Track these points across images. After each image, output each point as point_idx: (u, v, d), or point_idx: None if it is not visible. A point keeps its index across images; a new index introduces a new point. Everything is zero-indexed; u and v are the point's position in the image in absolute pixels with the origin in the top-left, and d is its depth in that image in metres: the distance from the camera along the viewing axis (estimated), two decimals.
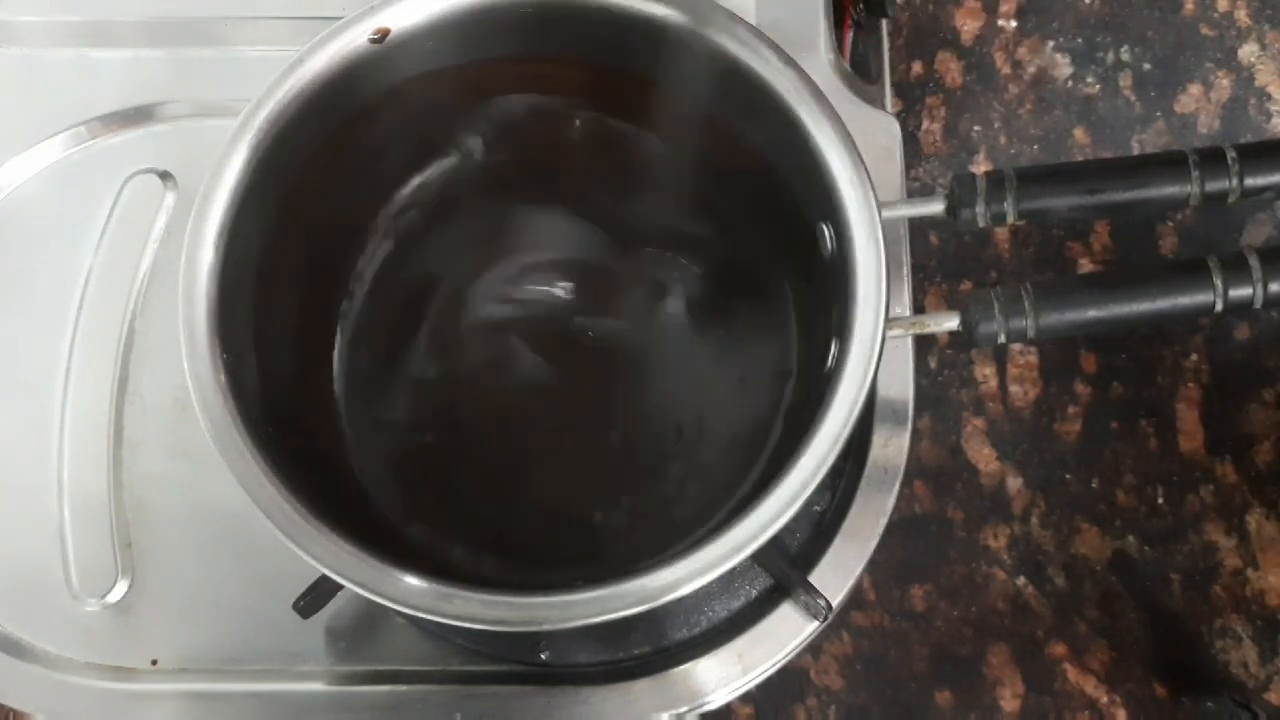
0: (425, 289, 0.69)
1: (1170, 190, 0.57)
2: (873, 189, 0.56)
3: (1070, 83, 0.81)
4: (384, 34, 0.58)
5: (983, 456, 0.76)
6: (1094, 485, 0.75)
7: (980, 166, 0.80)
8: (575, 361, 0.68)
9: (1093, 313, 0.56)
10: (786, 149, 0.58)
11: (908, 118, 0.80)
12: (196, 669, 0.66)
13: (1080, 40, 0.81)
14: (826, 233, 0.58)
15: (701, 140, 0.65)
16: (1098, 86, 0.80)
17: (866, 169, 0.56)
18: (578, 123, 0.66)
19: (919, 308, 0.76)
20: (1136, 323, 0.56)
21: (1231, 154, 0.57)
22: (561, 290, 0.68)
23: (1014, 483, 0.75)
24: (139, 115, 0.73)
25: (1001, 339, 0.57)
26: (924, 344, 0.76)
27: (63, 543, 0.67)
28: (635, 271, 0.68)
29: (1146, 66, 0.81)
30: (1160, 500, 0.75)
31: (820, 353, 0.59)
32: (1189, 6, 0.81)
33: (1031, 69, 0.81)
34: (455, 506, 0.66)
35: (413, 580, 0.51)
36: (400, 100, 0.62)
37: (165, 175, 0.72)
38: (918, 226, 0.76)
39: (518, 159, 0.68)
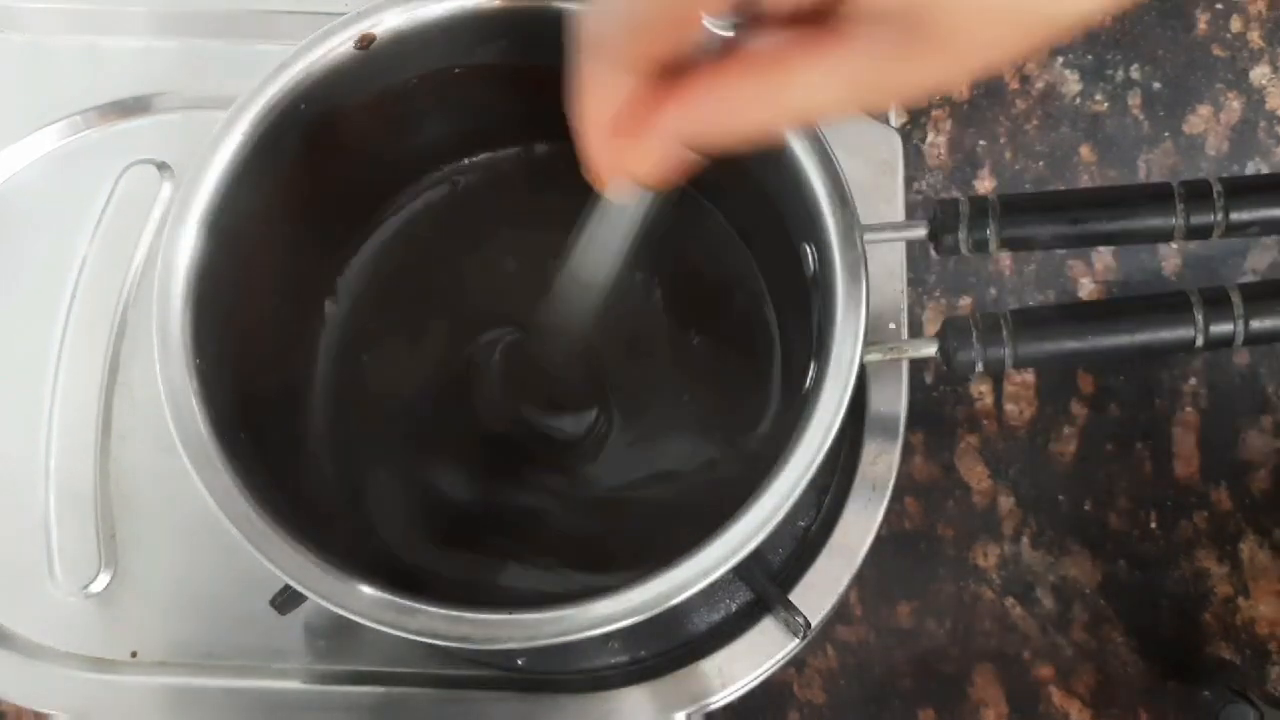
0: (411, 300, 0.68)
1: (1154, 223, 0.57)
2: (855, 212, 0.55)
3: (1078, 100, 0.80)
4: (369, 40, 0.58)
5: (975, 474, 0.75)
6: (1087, 507, 0.74)
7: (984, 181, 0.79)
8: (558, 376, 0.67)
9: (1071, 344, 0.56)
10: (772, 167, 0.57)
11: (913, 130, 0.80)
12: (175, 662, 0.66)
13: (1090, 57, 0.80)
14: (810, 253, 0.57)
15: None
16: (1106, 104, 0.80)
17: (850, 190, 0.55)
18: (565, 132, 0.66)
19: (916, 323, 0.76)
20: (1115, 355, 0.56)
21: (1218, 188, 0.56)
22: (549, 301, 0.68)
23: (1006, 502, 0.75)
24: (138, 105, 0.73)
25: (979, 368, 0.56)
26: (919, 360, 0.75)
27: (47, 532, 0.68)
28: (620, 286, 0.68)
29: (1156, 86, 0.80)
30: (1153, 525, 0.74)
31: (801, 374, 0.58)
32: (1201, 26, 0.80)
33: (1039, 85, 0.80)
34: (431, 520, 0.65)
35: (375, 594, 0.51)
36: (387, 105, 0.62)
37: (162, 166, 0.72)
38: (918, 241, 0.75)
39: (504, 167, 0.68)
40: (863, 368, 0.54)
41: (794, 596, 0.64)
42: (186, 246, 0.56)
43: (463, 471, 0.66)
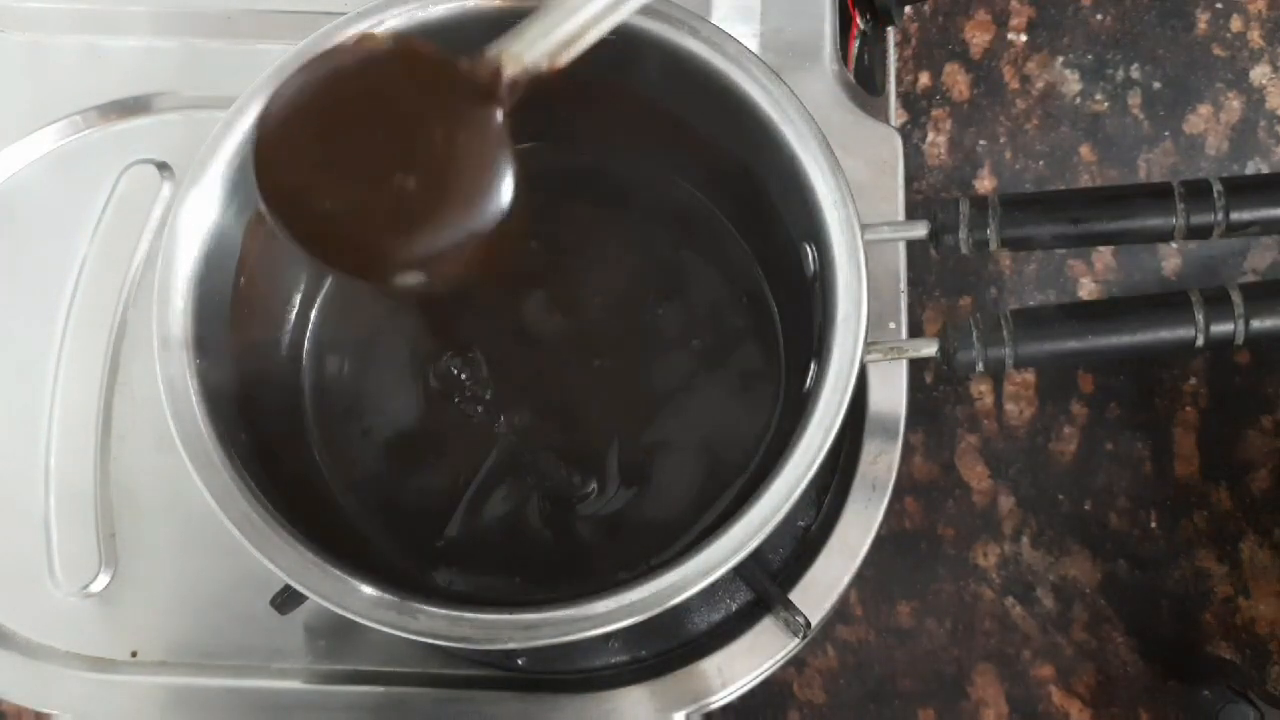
0: (410, 300, 0.68)
1: (1154, 222, 0.57)
2: (855, 211, 0.55)
3: (1079, 99, 0.80)
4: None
5: (975, 474, 0.75)
6: (1087, 507, 0.74)
7: (984, 181, 0.79)
8: (555, 375, 0.67)
9: (1072, 344, 0.55)
10: (772, 167, 0.57)
11: (913, 130, 0.80)
12: (176, 662, 0.66)
13: (1090, 57, 0.80)
14: (810, 253, 0.57)
15: (689, 155, 0.64)
16: (1106, 104, 0.80)
17: (850, 190, 0.55)
18: (565, 136, 0.66)
19: (916, 323, 0.76)
20: (1116, 355, 0.55)
21: (1218, 187, 0.56)
22: (546, 306, 0.68)
23: (1006, 502, 0.75)
24: (138, 105, 0.73)
25: (980, 368, 0.56)
26: (919, 359, 0.75)
27: (47, 532, 0.68)
28: (620, 286, 0.68)
29: (1156, 85, 0.80)
30: (1153, 524, 0.74)
31: (801, 374, 0.58)
32: (1202, 26, 0.80)
33: (1040, 84, 0.80)
34: (426, 520, 0.65)
35: (375, 594, 0.51)
36: None
37: (163, 166, 0.72)
38: (918, 241, 0.75)
39: None
40: (863, 368, 0.54)
41: (794, 596, 0.64)
42: (186, 246, 0.56)
43: (464, 473, 0.66)
